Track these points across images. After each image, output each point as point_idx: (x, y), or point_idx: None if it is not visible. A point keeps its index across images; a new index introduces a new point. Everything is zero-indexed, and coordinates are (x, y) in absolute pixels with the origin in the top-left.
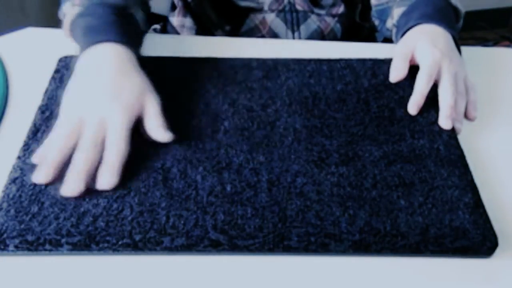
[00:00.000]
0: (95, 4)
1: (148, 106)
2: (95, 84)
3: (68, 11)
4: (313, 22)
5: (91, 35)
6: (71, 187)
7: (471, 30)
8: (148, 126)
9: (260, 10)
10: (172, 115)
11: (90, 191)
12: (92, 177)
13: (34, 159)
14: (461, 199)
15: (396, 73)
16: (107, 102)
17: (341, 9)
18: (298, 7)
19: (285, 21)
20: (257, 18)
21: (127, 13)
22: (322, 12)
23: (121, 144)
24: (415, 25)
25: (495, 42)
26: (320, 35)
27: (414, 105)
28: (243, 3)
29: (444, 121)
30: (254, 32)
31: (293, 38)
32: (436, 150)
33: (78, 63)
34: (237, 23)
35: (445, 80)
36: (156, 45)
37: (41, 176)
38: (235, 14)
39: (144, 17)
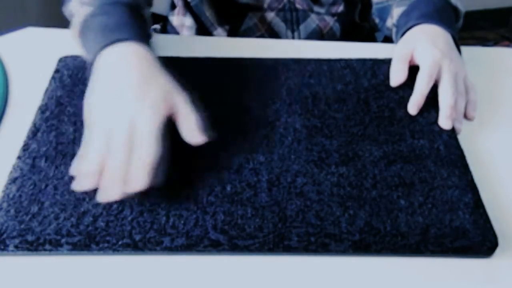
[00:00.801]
0: (107, 3)
1: (178, 107)
2: (120, 88)
3: (77, 10)
4: (312, 21)
5: (107, 34)
6: (109, 194)
7: (471, 30)
8: (182, 128)
9: (259, 8)
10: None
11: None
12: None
13: (73, 172)
14: (461, 199)
15: (396, 76)
16: (133, 105)
17: (340, 8)
18: (298, 6)
19: (285, 20)
20: (256, 16)
21: (139, 12)
22: (322, 10)
23: (151, 145)
24: (415, 25)
25: (495, 42)
26: (319, 34)
27: (414, 105)
28: (243, 0)
29: (444, 121)
30: (253, 31)
31: (293, 37)
32: (436, 150)
33: (97, 65)
34: (237, 21)
35: (445, 80)
36: (156, 45)
37: (80, 188)
38: (235, 12)
39: (150, 16)
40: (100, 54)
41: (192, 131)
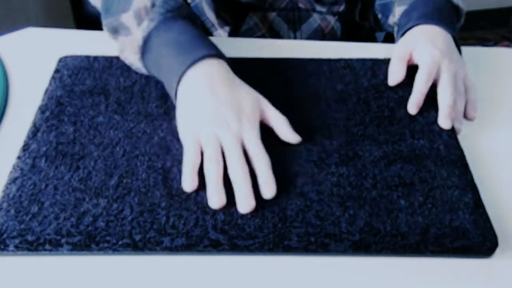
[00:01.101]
0: (169, 18)
1: (268, 113)
2: (217, 105)
3: (131, 24)
4: (314, 21)
5: (183, 53)
6: (246, 205)
7: (471, 30)
8: (278, 130)
9: (261, 8)
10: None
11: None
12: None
13: (187, 188)
14: (461, 199)
15: (394, 76)
16: (237, 121)
17: (342, 7)
18: (300, 5)
19: (287, 20)
20: (257, 16)
21: (198, 22)
22: (324, 9)
23: (265, 155)
24: (415, 25)
25: (495, 42)
26: (320, 34)
27: (413, 105)
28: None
29: (444, 121)
30: (254, 31)
31: (294, 37)
32: (436, 150)
33: (185, 85)
34: (238, 21)
35: (444, 80)
36: None
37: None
38: (236, 11)
39: None
40: (184, 75)
41: (289, 132)
